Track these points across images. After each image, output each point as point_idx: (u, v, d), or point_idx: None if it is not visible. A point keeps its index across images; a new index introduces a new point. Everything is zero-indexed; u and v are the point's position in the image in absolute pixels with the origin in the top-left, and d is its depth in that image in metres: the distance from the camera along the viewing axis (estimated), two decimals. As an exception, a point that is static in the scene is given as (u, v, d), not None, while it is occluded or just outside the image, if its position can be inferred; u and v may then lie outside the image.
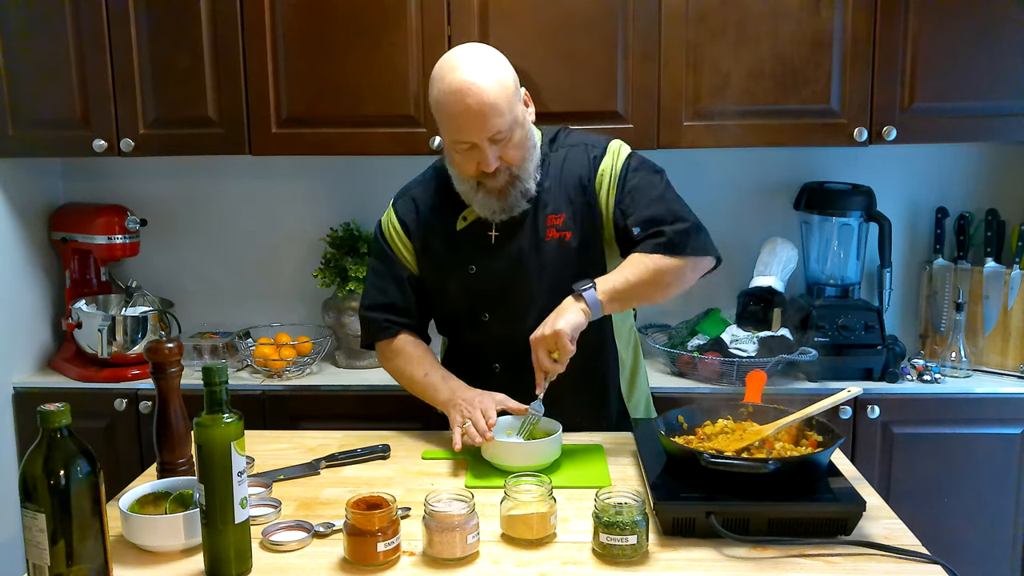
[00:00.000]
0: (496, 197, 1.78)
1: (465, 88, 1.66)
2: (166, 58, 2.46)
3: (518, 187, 1.78)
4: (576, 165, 1.85)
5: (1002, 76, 2.35)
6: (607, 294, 1.70)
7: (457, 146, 1.73)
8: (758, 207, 2.74)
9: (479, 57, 1.70)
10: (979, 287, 2.56)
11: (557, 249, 1.83)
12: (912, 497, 2.40)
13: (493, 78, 1.67)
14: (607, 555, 1.35)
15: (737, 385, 2.39)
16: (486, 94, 1.65)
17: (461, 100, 1.66)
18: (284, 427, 2.38)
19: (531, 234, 1.84)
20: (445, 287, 1.91)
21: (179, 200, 2.85)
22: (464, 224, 1.87)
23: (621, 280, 1.71)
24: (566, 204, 1.84)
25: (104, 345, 2.52)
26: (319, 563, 1.36)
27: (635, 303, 1.79)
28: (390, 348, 1.95)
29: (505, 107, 1.67)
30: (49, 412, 1.21)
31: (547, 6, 2.37)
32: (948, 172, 2.71)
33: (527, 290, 1.84)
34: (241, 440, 1.30)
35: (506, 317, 1.87)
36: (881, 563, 1.34)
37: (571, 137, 1.90)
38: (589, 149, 1.86)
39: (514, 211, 1.81)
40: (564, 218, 1.83)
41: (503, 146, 1.72)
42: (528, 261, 1.84)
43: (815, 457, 1.47)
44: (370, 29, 2.40)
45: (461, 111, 1.67)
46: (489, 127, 1.67)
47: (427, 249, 1.90)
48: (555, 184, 1.84)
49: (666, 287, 1.76)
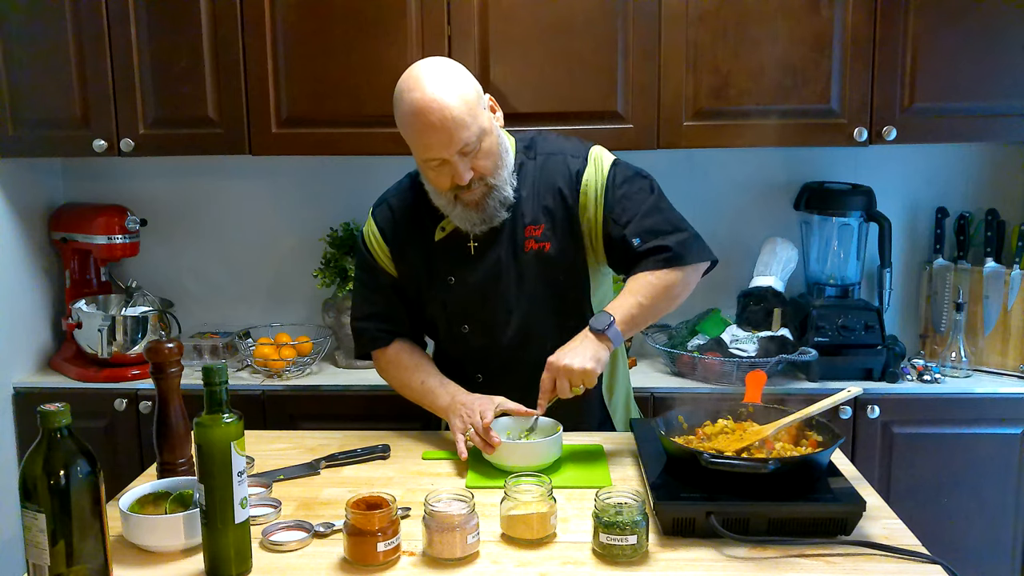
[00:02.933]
0: (474, 209, 1.78)
1: (426, 106, 1.64)
2: (166, 58, 2.46)
3: (495, 197, 1.77)
4: (555, 175, 1.83)
5: (1002, 76, 2.35)
6: (626, 323, 1.72)
7: (428, 163, 1.73)
8: (758, 207, 2.74)
9: (436, 72, 1.68)
10: (979, 287, 2.56)
11: (536, 260, 1.83)
12: (912, 497, 2.40)
13: (453, 92, 1.66)
14: (607, 555, 1.35)
15: (737, 385, 2.39)
16: (448, 109, 1.64)
17: (424, 119, 1.65)
18: (284, 427, 2.39)
19: (509, 244, 1.83)
20: (423, 298, 1.91)
21: (179, 200, 2.85)
22: (443, 235, 1.86)
23: (636, 307, 1.73)
24: (545, 215, 1.83)
25: (104, 345, 2.52)
26: (319, 563, 1.36)
27: (648, 323, 1.81)
28: (385, 358, 1.95)
29: (469, 119, 1.66)
30: (49, 412, 1.21)
31: (547, 6, 2.37)
32: (948, 172, 2.71)
33: (505, 301, 1.84)
34: (241, 440, 1.30)
35: (486, 328, 1.87)
36: (881, 563, 1.34)
37: (548, 144, 1.88)
38: (569, 159, 1.84)
39: (494, 221, 1.80)
40: (543, 229, 1.82)
41: (473, 157, 1.71)
42: (507, 272, 1.83)
43: (815, 457, 1.47)
44: (370, 29, 2.40)
45: (425, 129, 1.66)
46: (456, 141, 1.66)
47: (404, 258, 1.90)
48: (533, 194, 1.83)
49: (675, 299, 1.79)
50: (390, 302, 1.93)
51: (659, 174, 1.90)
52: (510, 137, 1.88)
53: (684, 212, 1.85)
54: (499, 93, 2.40)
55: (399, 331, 1.95)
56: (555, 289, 1.83)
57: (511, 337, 1.82)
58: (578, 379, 1.67)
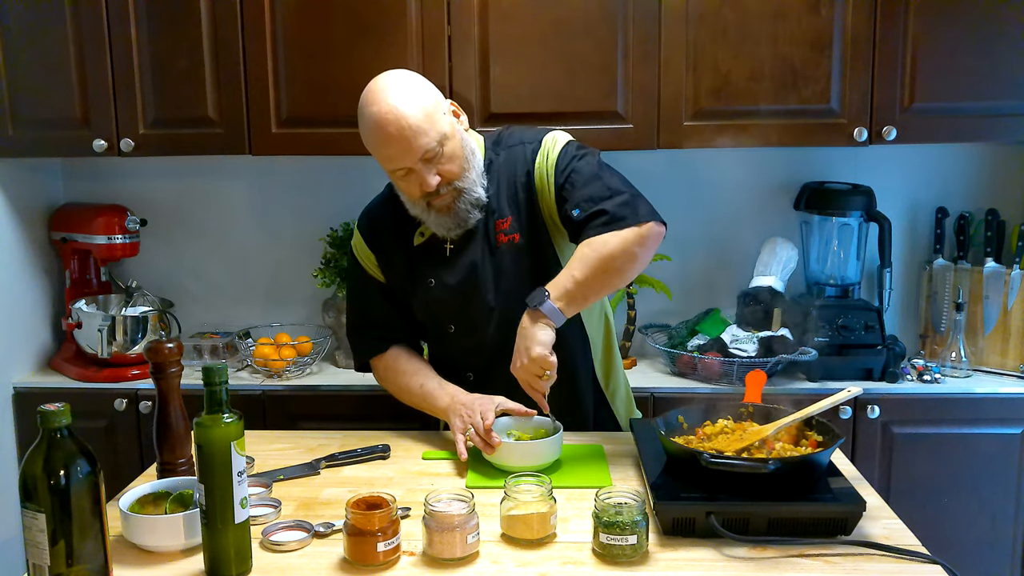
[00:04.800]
0: (447, 215, 1.79)
1: (383, 117, 1.67)
2: (166, 58, 2.46)
3: (465, 200, 1.79)
4: (515, 165, 1.85)
5: (1002, 76, 2.35)
6: (563, 299, 1.69)
7: (395, 174, 1.75)
8: (758, 207, 2.74)
9: (392, 85, 1.71)
10: (979, 287, 2.56)
11: (509, 253, 1.84)
12: (912, 497, 2.40)
13: (409, 101, 1.68)
14: (607, 555, 1.35)
15: (737, 385, 2.39)
16: (404, 118, 1.67)
17: (383, 130, 1.68)
18: (284, 427, 2.38)
19: (483, 242, 1.84)
20: (409, 302, 1.94)
21: (179, 200, 2.85)
22: (421, 240, 1.88)
23: (571, 280, 1.69)
24: (511, 206, 1.84)
25: (104, 345, 2.52)
26: (319, 563, 1.36)
27: (596, 296, 1.76)
28: (382, 364, 1.96)
29: (427, 125, 1.68)
30: (49, 412, 1.21)
31: (547, 6, 2.37)
32: (948, 172, 2.71)
33: (485, 298, 1.85)
34: (241, 440, 1.30)
35: (469, 327, 1.88)
36: (881, 563, 1.34)
37: (512, 136, 1.90)
38: (526, 147, 1.85)
39: (468, 224, 1.82)
40: (511, 221, 1.83)
41: (438, 162, 1.73)
42: (483, 270, 1.84)
43: (815, 457, 1.47)
44: (370, 29, 2.40)
45: (385, 140, 1.69)
46: (416, 148, 1.68)
47: (389, 266, 1.93)
48: (500, 188, 1.85)
49: (619, 270, 1.71)
50: (383, 308, 1.96)
51: (659, 174, 1.90)
52: (478, 137, 1.89)
53: (684, 212, 1.84)
54: (499, 93, 2.40)
55: (394, 337, 1.97)
56: (531, 280, 1.81)
57: (495, 333, 1.83)
58: (537, 369, 1.67)
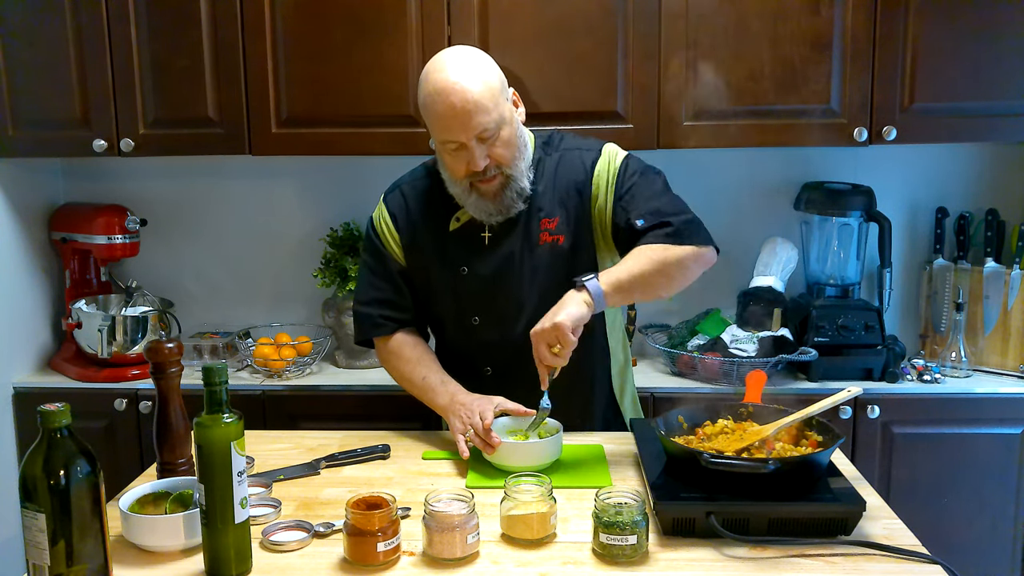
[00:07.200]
0: (491, 200, 1.79)
1: (449, 87, 1.67)
2: (166, 58, 2.46)
3: (512, 187, 1.78)
4: (571, 169, 1.85)
5: (1002, 76, 2.35)
6: (611, 285, 1.67)
7: (446, 146, 1.74)
8: (758, 207, 2.74)
9: (464, 58, 1.71)
10: (979, 287, 2.56)
11: (550, 253, 1.83)
12: (912, 497, 2.40)
13: (477, 77, 1.68)
14: (607, 555, 1.35)
15: (737, 385, 2.39)
16: (470, 92, 1.66)
17: (446, 99, 1.67)
18: (284, 427, 2.39)
19: (524, 237, 1.84)
20: (434, 288, 1.91)
21: (179, 200, 2.85)
22: (457, 225, 1.87)
23: (625, 272, 1.69)
24: (560, 208, 1.84)
25: (104, 345, 2.52)
26: (319, 563, 1.36)
27: (639, 296, 1.76)
28: (387, 348, 1.94)
29: (490, 104, 1.68)
30: (49, 412, 1.21)
31: (547, 6, 2.37)
32: (948, 172, 2.71)
33: (517, 293, 1.84)
34: (241, 440, 1.30)
35: (496, 320, 1.87)
36: (881, 563, 1.34)
37: (566, 141, 1.90)
38: (584, 153, 1.86)
39: (510, 212, 1.81)
40: (558, 222, 1.83)
41: (491, 144, 1.72)
42: (520, 264, 1.84)
43: (815, 457, 1.47)
44: (370, 29, 2.40)
45: (446, 110, 1.68)
46: (474, 125, 1.68)
47: (415, 247, 1.90)
48: (550, 188, 1.84)
49: (670, 279, 1.73)
50: (396, 289, 1.93)
51: (659, 174, 1.90)
52: (530, 134, 1.90)
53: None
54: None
55: (403, 319, 1.94)
56: (567, 283, 1.82)
57: (521, 331, 1.81)
58: (551, 336, 1.62)
